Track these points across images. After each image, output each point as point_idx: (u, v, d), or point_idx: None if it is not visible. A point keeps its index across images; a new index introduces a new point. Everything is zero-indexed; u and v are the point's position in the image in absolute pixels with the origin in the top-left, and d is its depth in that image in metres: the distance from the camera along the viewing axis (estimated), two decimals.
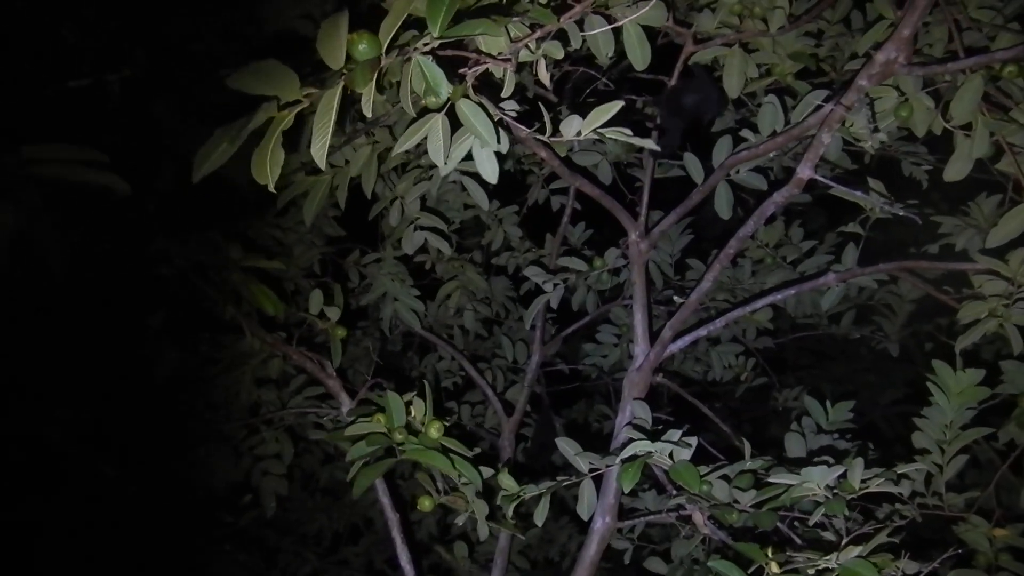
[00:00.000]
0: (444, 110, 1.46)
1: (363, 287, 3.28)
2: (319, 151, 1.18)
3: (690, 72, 2.36)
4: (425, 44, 1.23)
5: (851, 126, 1.88)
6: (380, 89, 1.27)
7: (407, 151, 1.75)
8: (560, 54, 1.52)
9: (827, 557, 1.56)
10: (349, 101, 1.39)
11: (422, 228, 2.64)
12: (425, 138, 1.49)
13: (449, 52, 1.34)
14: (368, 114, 1.16)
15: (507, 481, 2.17)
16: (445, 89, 1.22)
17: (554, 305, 2.80)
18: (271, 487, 2.90)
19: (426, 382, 2.01)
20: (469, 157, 1.56)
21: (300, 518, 3.80)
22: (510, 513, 2.22)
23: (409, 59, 1.23)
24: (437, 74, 1.22)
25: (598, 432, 4.19)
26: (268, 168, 1.17)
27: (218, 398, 2.57)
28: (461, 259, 3.36)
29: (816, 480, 1.69)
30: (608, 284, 3.13)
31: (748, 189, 2.35)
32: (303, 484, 3.76)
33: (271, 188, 1.19)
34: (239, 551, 3.15)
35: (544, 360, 3.73)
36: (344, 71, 1.19)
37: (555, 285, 2.72)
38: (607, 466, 2.05)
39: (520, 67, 1.67)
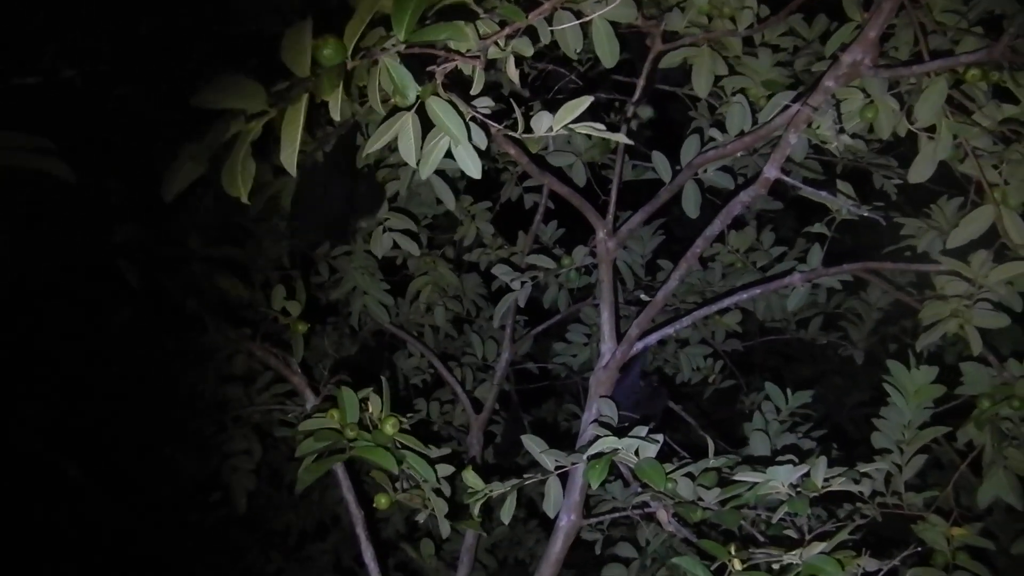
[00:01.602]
0: (414, 108, 1.45)
1: (333, 281, 3.26)
2: (289, 159, 1.17)
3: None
4: (392, 46, 1.22)
5: (818, 128, 1.90)
6: (348, 90, 1.26)
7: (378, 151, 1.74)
8: (530, 51, 1.52)
9: (791, 553, 1.57)
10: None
11: (391, 230, 2.63)
12: (395, 137, 1.49)
13: (417, 50, 1.33)
14: (336, 118, 1.15)
15: (472, 479, 2.16)
16: (413, 91, 1.21)
17: (521, 303, 2.80)
18: (242, 484, 2.87)
19: (383, 378, 2.00)
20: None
21: (267, 516, 3.77)
22: (476, 511, 2.22)
23: (376, 62, 1.22)
24: (404, 76, 1.21)
25: (567, 431, 4.19)
26: (239, 180, 1.16)
27: (182, 395, 2.54)
28: (432, 255, 3.35)
29: (780, 479, 1.70)
30: (577, 282, 3.14)
31: (722, 191, 2.36)
32: (270, 481, 3.73)
33: (244, 199, 1.18)
34: (204, 550, 3.11)
35: (514, 359, 3.73)
36: (311, 77, 1.18)
37: (523, 283, 2.71)
38: (573, 464, 2.05)
39: (493, 64, 1.67)
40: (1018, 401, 2.16)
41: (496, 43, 1.44)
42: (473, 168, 1.53)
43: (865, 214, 2.05)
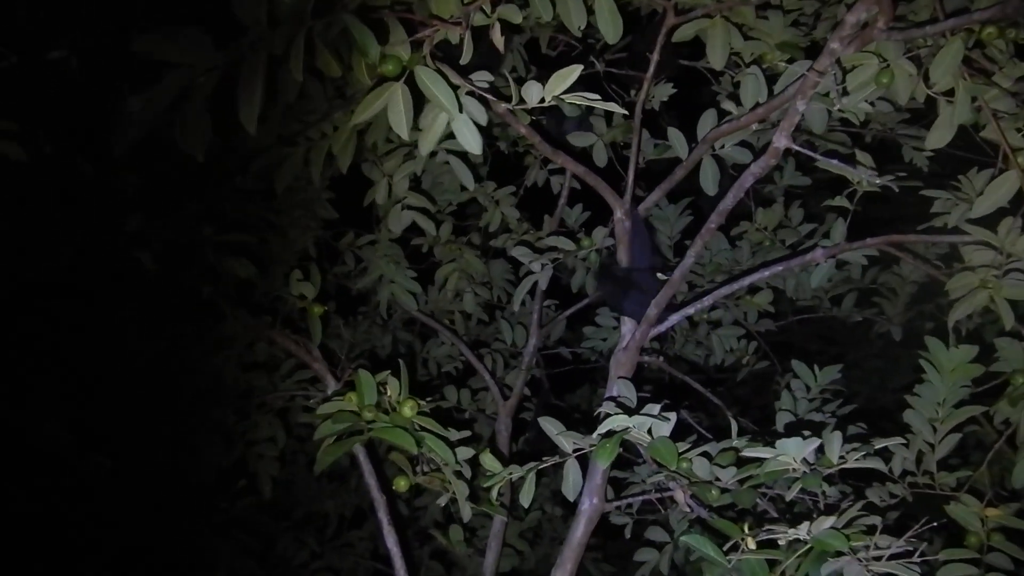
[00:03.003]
0: (403, 78, 1.43)
1: (359, 270, 3.27)
2: (248, 118, 1.16)
3: None
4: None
5: (827, 94, 1.84)
6: (313, 51, 1.24)
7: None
8: (518, 18, 1.49)
9: (798, 527, 1.53)
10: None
11: (410, 208, 2.62)
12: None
13: (400, 14, 1.31)
14: (298, 78, 1.14)
15: (490, 462, 2.15)
16: (374, 50, 1.19)
17: (543, 286, 2.77)
18: (267, 470, 2.90)
19: (401, 361, 1.99)
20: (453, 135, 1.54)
21: (303, 503, 3.81)
22: (494, 495, 2.20)
23: (333, 22, 1.20)
24: (365, 35, 1.19)
25: None
26: (196, 138, 1.15)
27: (205, 384, 2.57)
28: (459, 242, 3.34)
29: (791, 453, 1.65)
30: (599, 264, 3.10)
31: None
32: (307, 469, 3.76)
33: (200, 158, 1.17)
34: (237, 537, 3.15)
35: (546, 344, 3.71)
36: (267, 32, 1.16)
37: (543, 266, 2.69)
38: (591, 446, 2.02)
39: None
40: None
41: (481, 9, 1.41)
42: (473, 143, 1.51)
43: (887, 183, 1.98)
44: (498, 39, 1.44)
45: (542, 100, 1.49)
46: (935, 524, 1.77)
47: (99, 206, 1.94)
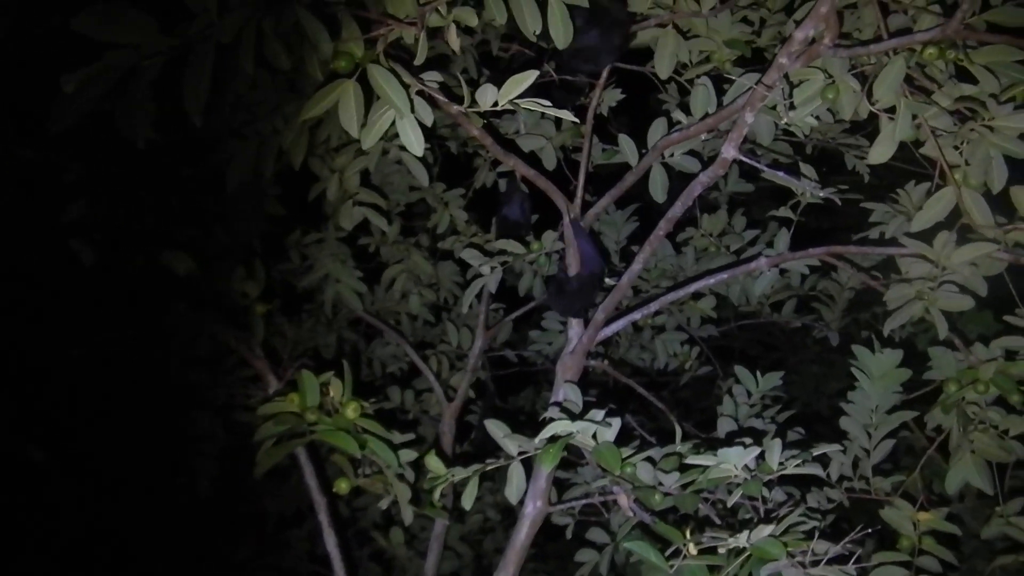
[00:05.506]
0: (356, 75, 1.42)
1: (305, 268, 3.23)
2: (194, 107, 1.13)
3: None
4: None
5: (775, 107, 1.87)
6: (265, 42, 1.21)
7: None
8: (474, 21, 1.49)
9: (738, 535, 1.55)
10: None
11: (361, 204, 2.59)
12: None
13: (355, 11, 1.30)
14: (249, 71, 1.12)
15: (434, 464, 2.14)
16: (326, 45, 1.18)
17: (492, 289, 2.77)
18: (205, 468, 2.85)
19: (345, 362, 1.97)
20: None
21: (247, 501, 3.74)
22: (437, 496, 2.19)
23: (285, 14, 1.18)
24: (317, 28, 1.17)
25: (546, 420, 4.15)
26: (134, 124, 1.12)
27: (144, 378, 2.50)
28: (407, 243, 3.32)
29: (733, 460, 1.68)
30: (549, 268, 3.10)
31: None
32: (247, 467, 3.69)
33: (140, 145, 1.14)
34: (175, 534, 3.08)
35: (492, 347, 3.71)
36: (215, 19, 1.13)
37: (492, 268, 2.68)
38: (537, 449, 2.03)
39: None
40: (983, 385, 2.15)
41: (437, 10, 1.40)
42: (416, 144, 1.50)
43: (829, 195, 2.03)
44: (454, 40, 1.43)
45: (495, 104, 1.49)
46: (870, 531, 1.82)
47: (36, 192, 1.88)
